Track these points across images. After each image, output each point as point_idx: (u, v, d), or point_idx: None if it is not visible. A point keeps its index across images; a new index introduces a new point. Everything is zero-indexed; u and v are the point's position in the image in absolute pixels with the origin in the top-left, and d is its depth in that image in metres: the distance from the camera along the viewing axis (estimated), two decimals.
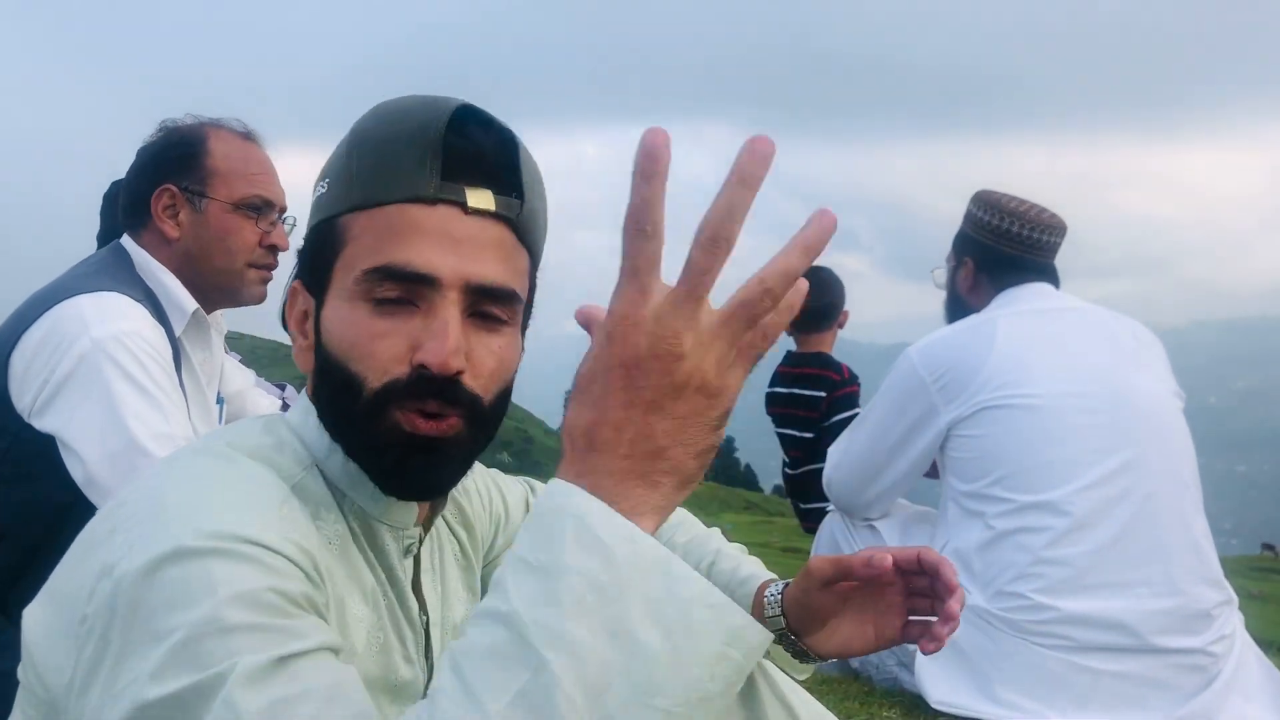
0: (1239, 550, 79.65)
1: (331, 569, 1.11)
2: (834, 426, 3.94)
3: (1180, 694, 2.58)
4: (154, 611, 0.92)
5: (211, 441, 1.15)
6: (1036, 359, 2.78)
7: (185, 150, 2.21)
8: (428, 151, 1.10)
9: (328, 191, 1.16)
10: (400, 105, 1.16)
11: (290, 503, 1.09)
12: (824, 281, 4.10)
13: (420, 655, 1.29)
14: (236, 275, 2.23)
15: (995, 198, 3.03)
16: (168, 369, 2.04)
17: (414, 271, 1.09)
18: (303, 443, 1.19)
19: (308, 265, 1.18)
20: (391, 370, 1.09)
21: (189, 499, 1.00)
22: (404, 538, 1.26)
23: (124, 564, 0.95)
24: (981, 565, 2.69)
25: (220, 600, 0.91)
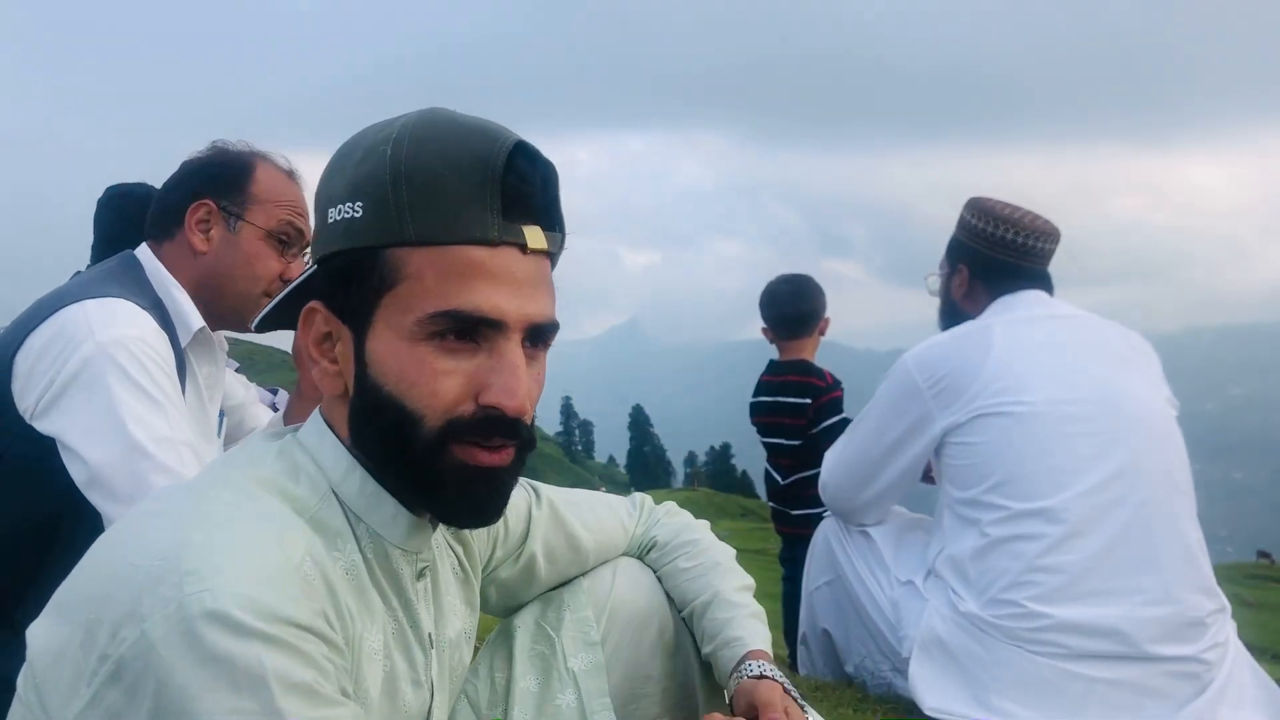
0: (1234, 558, 79.66)
1: (350, 607, 1.13)
2: (822, 433, 3.97)
3: (1174, 702, 2.58)
4: (200, 687, 0.95)
5: (231, 472, 1.15)
6: (1032, 366, 2.78)
7: (231, 171, 2.23)
8: (488, 191, 1.11)
9: (363, 217, 1.13)
10: (450, 133, 1.14)
11: (312, 548, 1.10)
12: (804, 289, 4.13)
13: (427, 675, 1.31)
14: (253, 301, 2.23)
15: (990, 205, 3.04)
16: (171, 375, 2.05)
17: (482, 316, 1.11)
18: (318, 466, 1.20)
19: (338, 291, 1.17)
20: (454, 409, 1.12)
21: (220, 553, 1.01)
22: (418, 561, 1.28)
23: (157, 618, 0.97)
24: (976, 572, 2.70)
25: (274, 693, 0.96)
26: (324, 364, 1.19)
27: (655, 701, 1.69)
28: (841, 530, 3.20)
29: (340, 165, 1.18)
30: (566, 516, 1.66)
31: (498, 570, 1.59)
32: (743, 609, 1.66)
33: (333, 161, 1.21)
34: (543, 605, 1.69)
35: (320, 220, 1.18)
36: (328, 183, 1.19)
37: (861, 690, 3.02)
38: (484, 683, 1.64)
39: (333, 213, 1.16)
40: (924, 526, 3.08)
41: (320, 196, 1.19)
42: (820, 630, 3.26)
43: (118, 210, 2.95)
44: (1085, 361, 2.84)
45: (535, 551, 1.62)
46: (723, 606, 1.65)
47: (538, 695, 1.60)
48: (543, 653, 1.63)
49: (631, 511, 1.78)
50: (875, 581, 3.01)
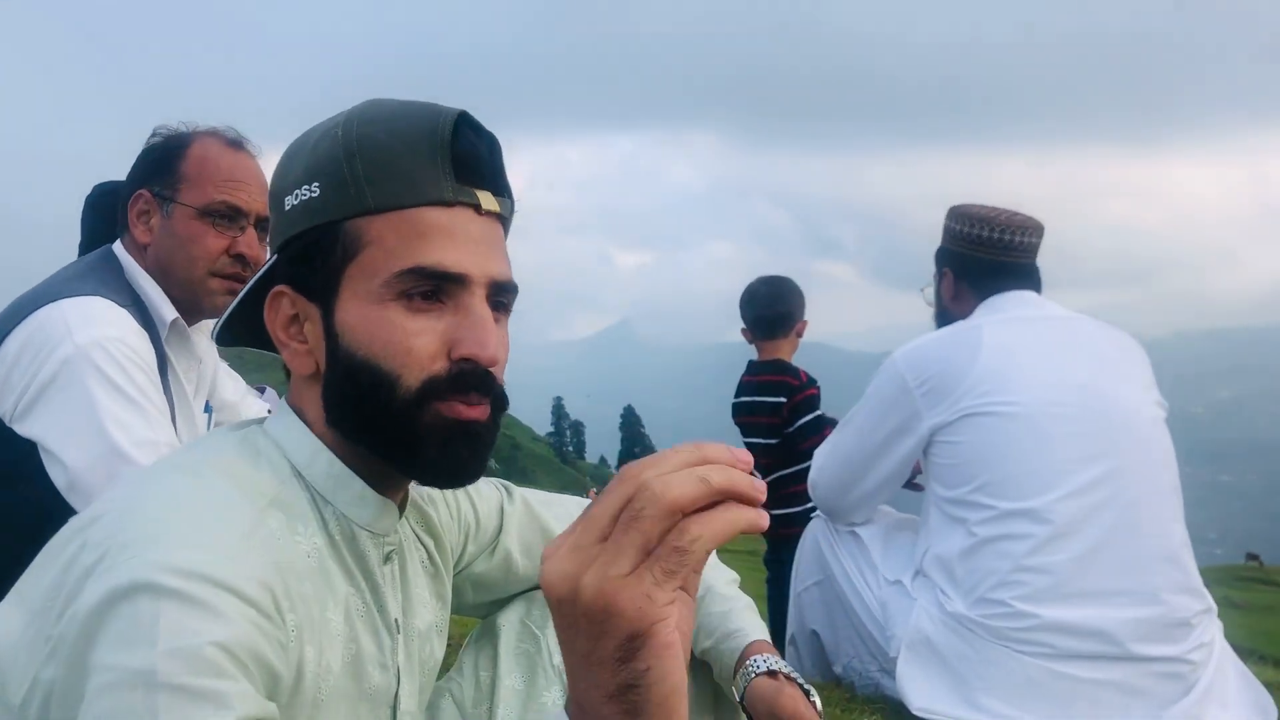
0: (1223, 559, 79.85)
1: (303, 591, 1.13)
2: (798, 431, 4.02)
3: (1159, 701, 2.58)
4: (97, 645, 0.95)
5: (187, 457, 1.16)
6: (1020, 367, 2.79)
7: (164, 155, 2.20)
8: (439, 156, 1.16)
9: (320, 195, 1.16)
10: (394, 110, 1.19)
11: (263, 526, 1.10)
12: (783, 290, 4.19)
13: (393, 660, 1.30)
14: (198, 284, 2.18)
15: (966, 208, 3.06)
16: (151, 375, 2.03)
17: (447, 271, 1.15)
18: (282, 451, 1.20)
19: (302, 270, 1.19)
20: (430, 367, 1.15)
21: (156, 526, 1.02)
22: (384, 544, 1.28)
23: (87, 592, 0.98)
24: (963, 572, 2.70)
25: (158, 653, 0.93)
26: (293, 345, 1.21)
27: None
28: (830, 530, 3.20)
29: (293, 158, 1.22)
30: (541, 513, 1.66)
31: (473, 565, 1.59)
32: (737, 601, 1.66)
33: (284, 158, 1.24)
34: (527, 603, 1.69)
35: (277, 212, 1.22)
36: (282, 176, 1.22)
37: (850, 691, 3.02)
38: (469, 681, 1.63)
39: (289, 200, 1.19)
40: (912, 526, 3.08)
41: (276, 190, 1.23)
42: (809, 631, 3.26)
43: (103, 208, 2.93)
44: (1074, 363, 2.84)
45: (510, 548, 1.62)
46: (717, 600, 1.65)
47: (523, 693, 1.60)
48: (528, 651, 1.63)
49: None
50: (863, 581, 3.01)
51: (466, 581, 1.61)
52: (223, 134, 2.23)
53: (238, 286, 2.21)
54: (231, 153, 2.22)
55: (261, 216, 2.23)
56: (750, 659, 1.57)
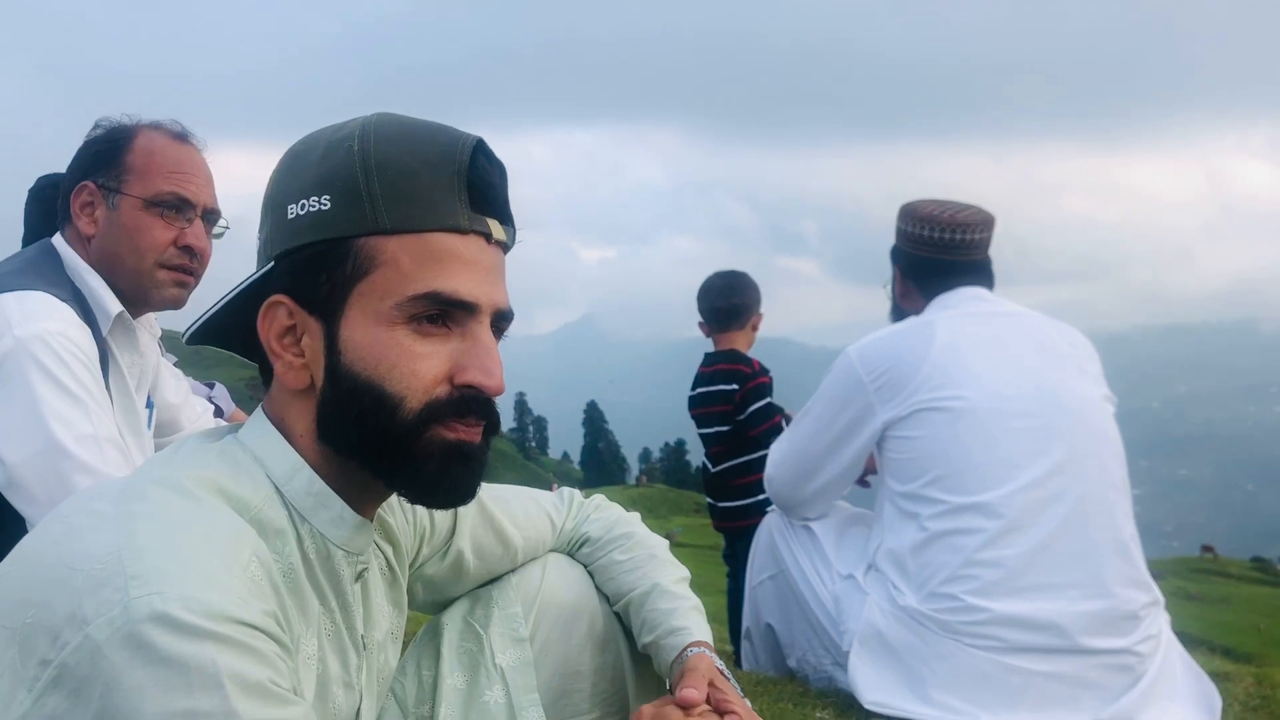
0: (1179, 552, 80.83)
1: (290, 609, 1.13)
2: (748, 418, 4.06)
3: (1108, 693, 2.61)
4: (154, 689, 0.94)
5: (173, 471, 1.14)
6: (972, 362, 2.80)
7: (107, 146, 2.16)
8: (456, 182, 1.16)
9: (332, 209, 1.14)
10: (412, 130, 1.18)
11: (257, 550, 1.10)
12: (738, 283, 4.25)
13: (358, 679, 1.29)
14: (146, 275, 2.14)
15: (913, 206, 3.06)
16: (93, 370, 2.00)
17: (461, 300, 1.15)
18: (261, 465, 1.18)
19: (305, 283, 1.16)
20: (433, 390, 1.15)
21: (165, 556, 1.01)
22: (357, 563, 1.27)
23: (100, 622, 0.96)
24: (915, 566, 2.71)
25: (229, 692, 0.96)
26: (288, 358, 1.18)
27: (585, 697, 1.68)
28: (785, 525, 3.21)
29: (297, 165, 1.19)
30: (494, 513, 1.64)
31: (424, 567, 1.58)
32: (684, 600, 1.65)
33: (286, 164, 1.21)
34: (471, 602, 1.67)
35: (276, 219, 1.18)
36: (283, 182, 1.19)
37: (803, 684, 3.02)
38: (411, 680, 1.61)
39: (293, 208, 1.16)
40: (866, 521, 3.09)
41: (275, 196, 1.19)
42: (764, 625, 3.26)
43: (46, 200, 2.88)
44: (1025, 358, 2.86)
45: (463, 549, 1.61)
46: (664, 597, 1.64)
47: (465, 692, 1.58)
48: (470, 650, 1.62)
49: (559, 507, 1.76)
50: (817, 576, 3.01)
51: (417, 582, 1.60)
52: (167, 126, 2.20)
53: (185, 279, 2.19)
54: (177, 145, 2.19)
55: (209, 209, 2.20)
56: (687, 651, 1.56)
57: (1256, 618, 21.65)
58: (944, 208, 3.01)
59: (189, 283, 2.20)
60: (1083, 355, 2.96)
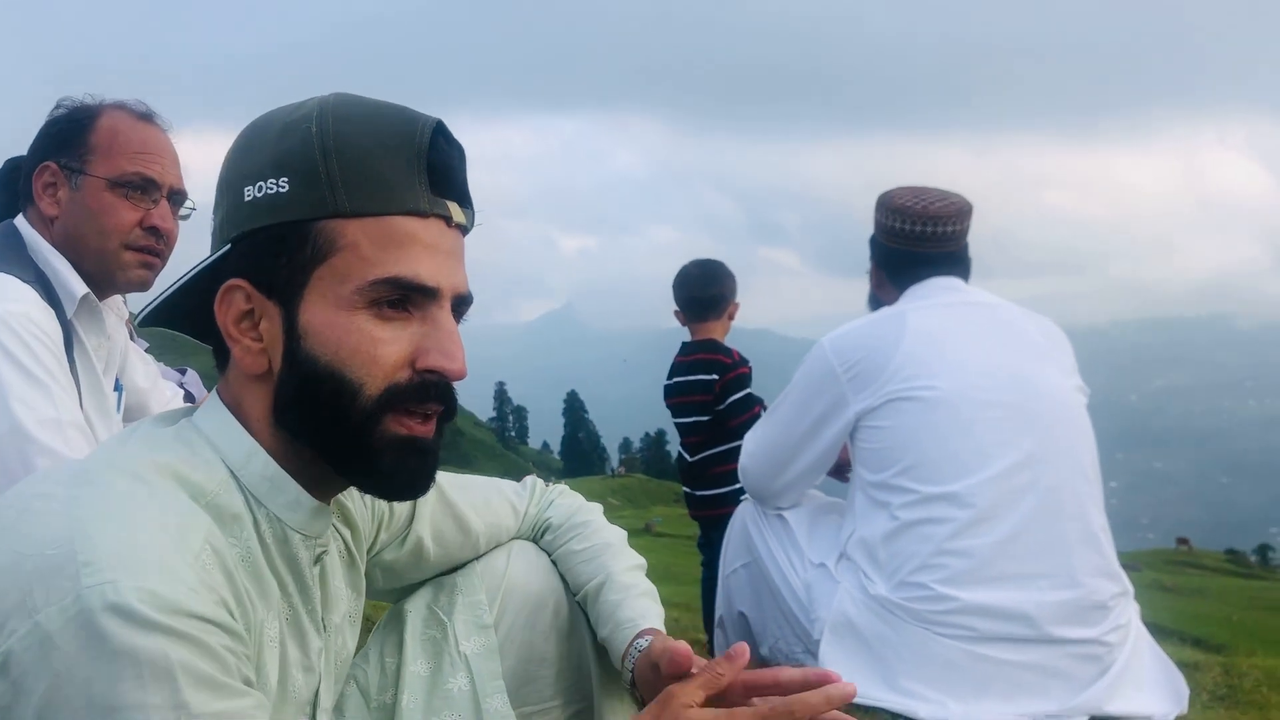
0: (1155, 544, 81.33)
1: (249, 593, 1.12)
2: (728, 408, 4.04)
3: (1077, 683, 2.62)
4: (105, 681, 0.94)
5: (126, 455, 1.12)
6: (944, 352, 2.80)
7: (70, 126, 2.13)
8: (416, 165, 1.15)
9: (290, 191, 1.12)
10: (372, 112, 1.17)
11: (211, 536, 1.09)
12: (713, 272, 4.22)
13: (319, 661, 1.29)
14: (111, 257, 2.12)
15: (889, 196, 3.04)
16: (57, 353, 1.97)
17: (423, 284, 1.14)
18: (215, 450, 1.17)
19: (263, 266, 1.15)
20: (394, 375, 1.14)
21: (118, 544, 1.00)
22: (315, 546, 1.27)
23: (52, 610, 0.95)
24: (886, 555, 2.72)
25: (180, 686, 0.96)
26: (245, 342, 1.16)
27: (550, 684, 1.68)
28: (758, 514, 3.21)
29: (253, 145, 1.17)
30: (454, 499, 1.63)
31: (383, 553, 1.57)
32: (633, 589, 1.64)
33: (241, 144, 1.19)
34: (435, 589, 1.66)
35: (232, 200, 1.16)
36: (239, 163, 1.17)
37: None
38: (374, 668, 1.61)
39: (250, 190, 1.14)
40: (838, 510, 3.09)
41: (231, 178, 1.17)
42: (736, 613, 3.26)
43: (9, 183, 2.84)
44: (997, 348, 2.86)
45: (422, 535, 1.60)
46: (614, 589, 1.64)
47: (429, 679, 1.58)
48: (434, 637, 1.61)
49: (521, 494, 1.76)
50: (789, 564, 3.02)
51: (376, 569, 1.59)
52: (131, 106, 2.18)
53: (151, 260, 2.16)
54: (142, 125, 2.17)
55: (174, 189, 2.17)
56: (638, 640, 1.55)
57: (1229, 609, 21.84)
58: (919, 198, 2.99)
59: (155, 264, 2.17)
60: (1055, 346, 2.97)
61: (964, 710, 2.56)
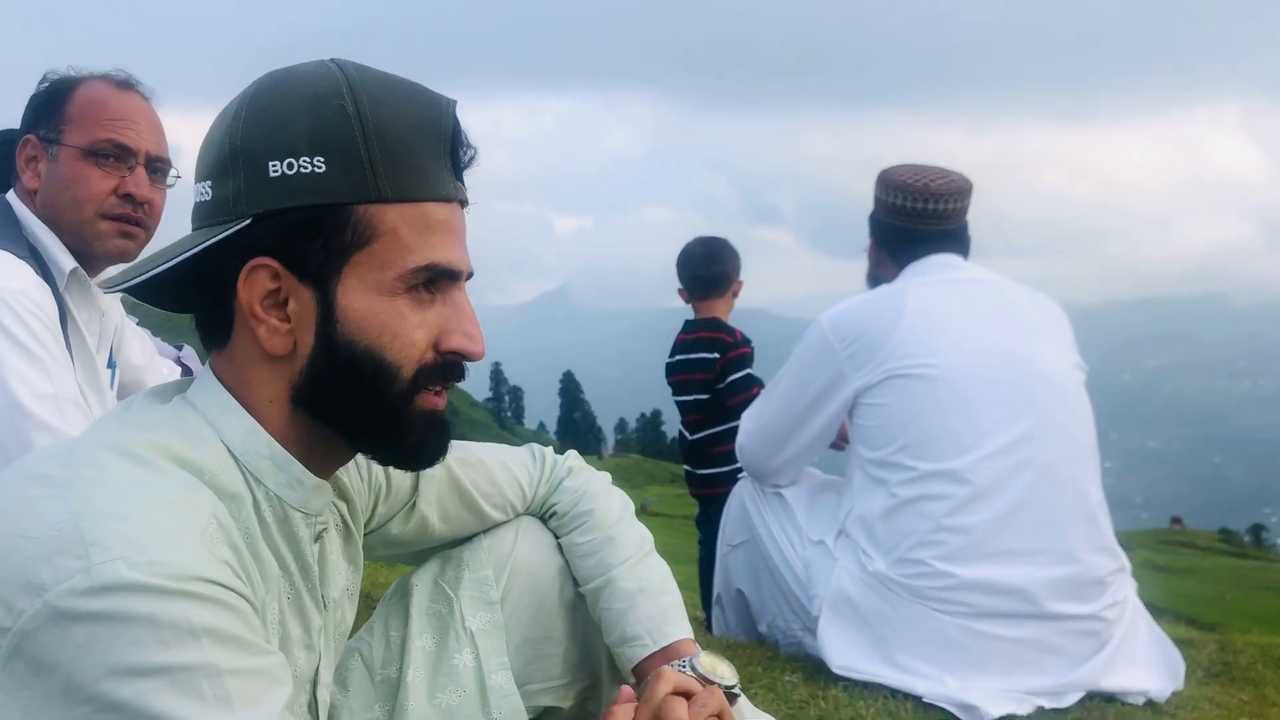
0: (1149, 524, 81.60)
1: (250, 574, 1.13)
2: (728, 387, 4.04)
3: (1074, 658, 2.64)
4: (126, 649, 0.94)
5: (124, 435, 1.11)
6: (942, 329, 2.80)
7: (49, 98, 2.12)
8: (444, 150, 1.17)
9: (328, 173, 1.10)
10: (398, 89, 1.16)
11: (215, 512, 1.09)
12: (719, 251, 4.23)
13: (319, 639, 1.29)
14: (87, 227, 2.09)
15: (890, 173, 3.03)
16: (53, 328, 1.97)
17: (454, 269, 1.17)
18: (214, 428, 1.16)
19: (296, 247, 1.13)
20: (423, 357, 1.17)
21: (124, 522, 0.99)
22: (315, 524, 1.26)
23: (61, 589, 0.94)
24: (884, 532, 2.73)
25: (205, 645, 0.96)
26: (272, 322, 1.15)
27: (556, 662, 1.67)
28: (756, 491, 3.21)
29: (274, 118, 1.12)
30: (461, 477, 1.62)
31: (388, 527, 1.56)
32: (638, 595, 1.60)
33: (256, 115, 1.13)
34: (441, 563, 1.67)
35: (252, 174, 1.12)
36: (259, 135, 1.12)
37: (773, 649, 3.04)
38: (379, 641, 1.61)
39: (277, 166, 1.11)
40: (836, 487, 3.10)
41: (247, 149, 1.12)
42: (734, 590, 3.27)
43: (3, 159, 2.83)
44: (995, 325, 2.86)
45: (427, 514, 1.60)
46: (616, 595, 1.61)
47: (434, 654, 1.58)
48: (440, 611, 1.61)
49: (531, 470, 1.73)
50: (788, 542, 3.02)
51: (380, 541, 1.59)
52: (111, 76, 2.16)
53: (131, 229, 2.13)
54: (119, 92, 2.15)
55: (153, 156, 2.15)
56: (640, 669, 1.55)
57: (1222, 588, 21.96)
58: (920, 175, 2.99)
59: (135, 234, 2.14)
60: (1054, 323, 2.97)
61: (962, 686, 2.57)
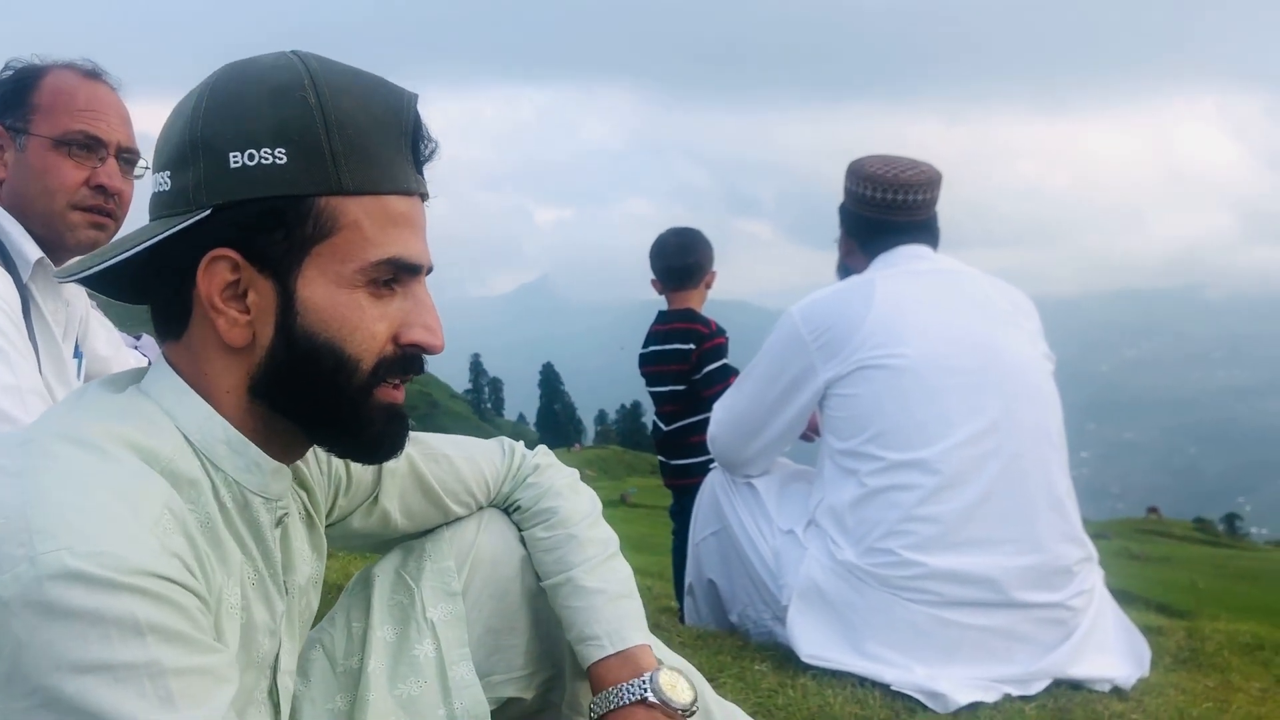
0: (1125, 514, 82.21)
1: (209, 559, 1.12)
2: (704, 378, 4.04)
3: (1041, 646, 2.66)
4: (70, 643, 0.93)
5: (76, 423, 1.10)
6: (911, 320, 2.81)
7: (15, 87, 2.09)
8: (404, 143, 1.17)
9: (289, 164, 1.10)
10: (359, 81, 1.16)
11: (169, 502, 1.08)
12: (692, 241, 4.22)
13: (281, 624, 1.28)
14: (58, 218, 2.08)
15: (860, 164, 3.04)
16: (15, 319, 1.95)
17: (415, 263, 1.17)
18: (169, 416, 1.16)
19: (256, 239, 1.12)
20: (383, 350, 1.17)
21: (73, 511, 0.99)
22: (276, 509, 1.26)
23: (5, 578, 0.94)
24: (854, 521, 2.74)
25: (150, 642, 0.96)
26: (231, 314, 1.14)
27: (519, 653, 1.67)
28: (727, 482, 3.22)
29: (235, 108, 1.12)
30: (424, 472, 1.61)
31: (350, 520, 1.56)
32: (598, 595, 1.60)
33: (216, 105, 1.13)
34: (403, 554, 1.66)
35: (212, 165, 1.11)
36: (219, 126, 1.11)
37: (744, 638, 3.05)
38: (340, 631, 1.60)
39: (238, 157, 1.10)
40: (807, 477, 3.11)
41: (207, 139, 1.11)
42: (706, 580, 3.28)
43: None
44: (963, 316, 2.88)
45: (389, 509, 1.59)
46: (576, 593, 1.61)
47: (394, 645, 1.58)
48: (401, 602, 1.61)
49: (498, 464, 1.72)
50: (758, 531, 3.03)
51: (341, 534, 1.58)
52: (79, 65, 2.14)
53: (102, 220, 2.12)
54: (89, 83, 2.13)
55: (123, 147, 2.13)
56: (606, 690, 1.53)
57: (1195, 576, 22.16)
58: (890, 166, 3.00)
59: (106, 224, 2.13)
60: (1022, 313, 2.99)
61: (930, 674, 2.59)
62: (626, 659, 1.55)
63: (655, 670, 1.53)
